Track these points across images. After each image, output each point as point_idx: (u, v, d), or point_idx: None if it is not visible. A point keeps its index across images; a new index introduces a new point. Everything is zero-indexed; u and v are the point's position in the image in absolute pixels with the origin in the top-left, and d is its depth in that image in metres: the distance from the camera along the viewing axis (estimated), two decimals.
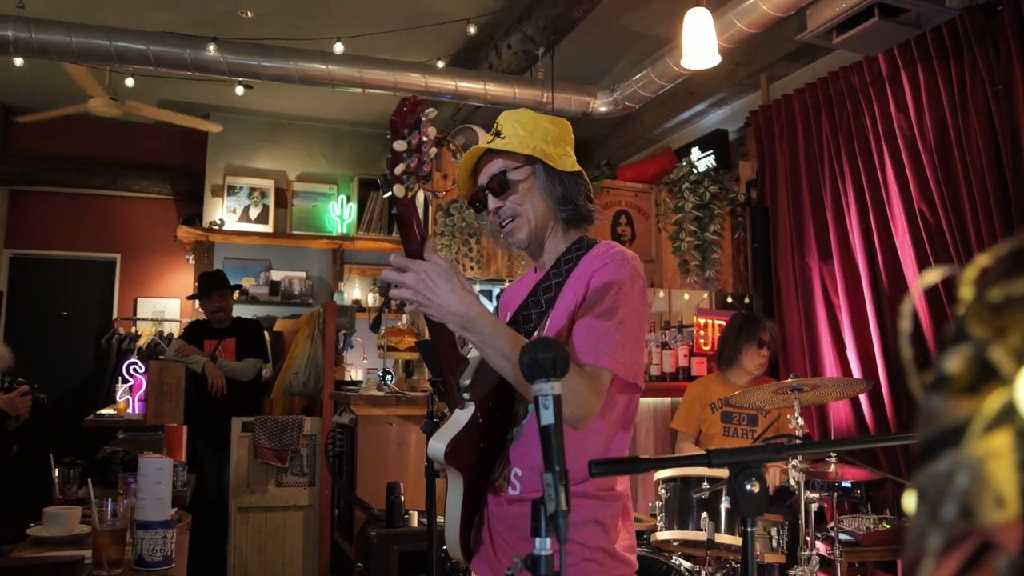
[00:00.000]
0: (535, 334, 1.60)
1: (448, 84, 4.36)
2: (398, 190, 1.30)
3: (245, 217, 6.56)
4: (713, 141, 5.55)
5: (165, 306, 6.75)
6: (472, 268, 4.03)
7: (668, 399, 4.53)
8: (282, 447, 4.73)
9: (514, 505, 1.55)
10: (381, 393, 3.78)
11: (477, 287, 4.27)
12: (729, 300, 4.77)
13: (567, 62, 4.63)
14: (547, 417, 1.05)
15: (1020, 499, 0.32)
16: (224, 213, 6.46)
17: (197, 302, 5.31)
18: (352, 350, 5.41)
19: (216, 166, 6.59)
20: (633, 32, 4.90)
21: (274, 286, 6.59)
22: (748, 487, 1.14)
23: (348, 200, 6.85)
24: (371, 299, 6.79)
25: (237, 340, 5.07)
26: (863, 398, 4.06)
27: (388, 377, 4.00)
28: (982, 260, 0.38)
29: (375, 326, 4.32)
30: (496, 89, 4.43)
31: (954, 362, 0.35)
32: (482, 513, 1.64)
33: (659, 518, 2.91)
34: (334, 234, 6.70)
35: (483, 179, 1.61)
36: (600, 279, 1.52)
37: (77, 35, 3.59)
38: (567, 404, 1.38)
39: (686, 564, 2.84)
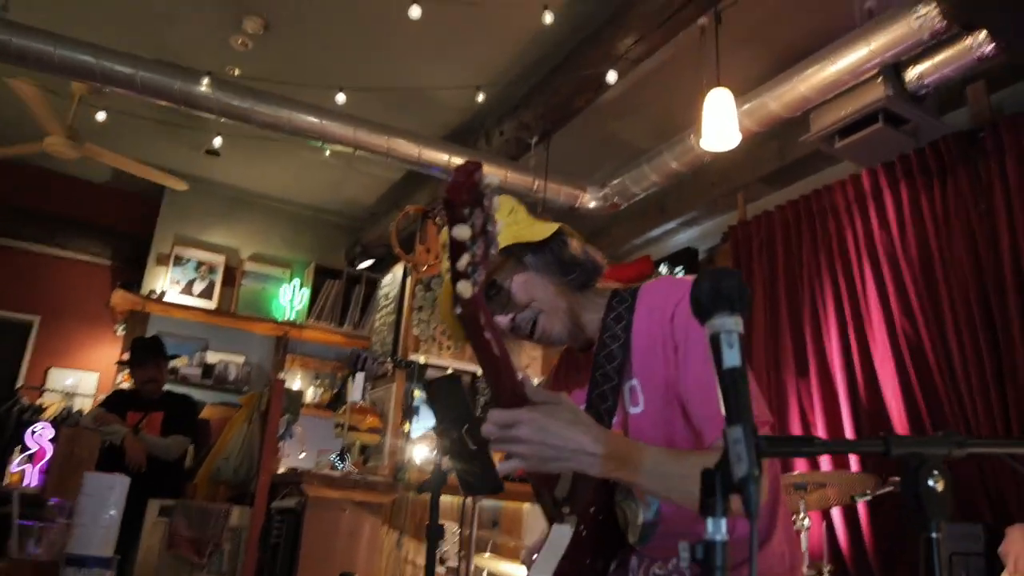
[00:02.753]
0: (617, 414, 1.36)
1: (441, 157, 4.26)
2: (463, 288, 1.03)
3: (188, 291, 6.18)
4: (682, 259, 5.56)
5: (80, 379, 6.18)
6: (448, 348, 3.79)
7: None
8: (203, 538, 4.19)
9: None
10: (338, 473, 3.40)
11: (451, 370, 4.00)
12: None
13: (556, 156, 4.61)
14: (732, 358, 0.83)
15: None
16: (167, 284, 6.08)
17: (127, 369, 4.85)
18: (291, 440, 4.98)
19: (165, 234, 6.26)
20: (620, 139, 4.95)
21: (208, 369, 6.14)
22: (931, 483, 0.92)
23: (301, 286, 6.55)
24: (311, 393, 6.38)
25: (165, 415, 4.60)
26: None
27: (344, 459, 3.63)
28: None
29: (334, 402, 4.02)
30: (488, 170, 4.29)
31: None
32: None
33: None
34: (281, 319, 6.35)
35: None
36: (685, 324, 1.30)
37: (63, 47, 3.37)
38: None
39: None
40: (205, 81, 3.65)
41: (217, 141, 4.67)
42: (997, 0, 2.58)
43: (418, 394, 3.83)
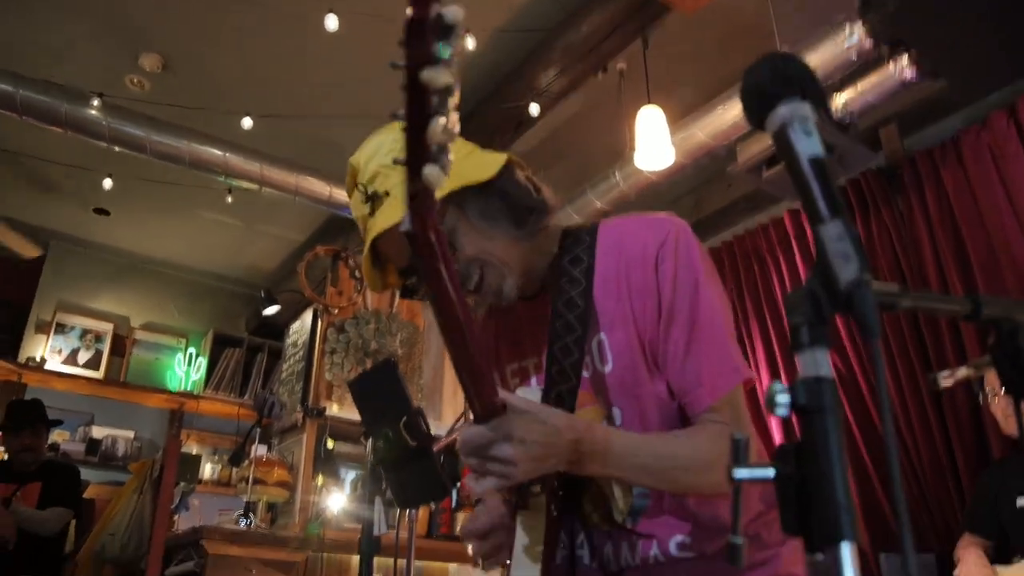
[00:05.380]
0: (586, 369, 1.16)
1: None
2: (432, 175, 0.64)
3: (72, 361, 5.61)
4: None
5: None
6: None
7: None
8: None
9: (695, 567, 1.11)
10: (242, 527, 2.99)
11: None
12: None
13: None
14: (813, 146, 0.64)
15: None
16: (47, 353, 5.50)
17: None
18: (186, 514, 4.46)
19: (47, 300, 5.71)
20: None
21: (93, 444, 5.53)
22: None
23: (197, 356, 6.07)
24: (209, 470, 5.83)
25: (44, 486, 4.04)
26: None
27: (248, 519, 3.21)
28: None
29: (237, 457, 3.60)
30: None
31: None
32: None
33: None
34: (176, 390, 5.83)
35: (404, 261, 1.16)
36: (671, 272, 1.12)
37: None
38: (722, 486, 1.03)
39: None
40: (96, 103, 3.33)
41: (107, 183, 4.28)
42: (921, 16, 2.62)
43: (332, 444, 3.48)
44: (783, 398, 0.58)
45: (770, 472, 0.59)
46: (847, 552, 0.53)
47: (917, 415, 3.42)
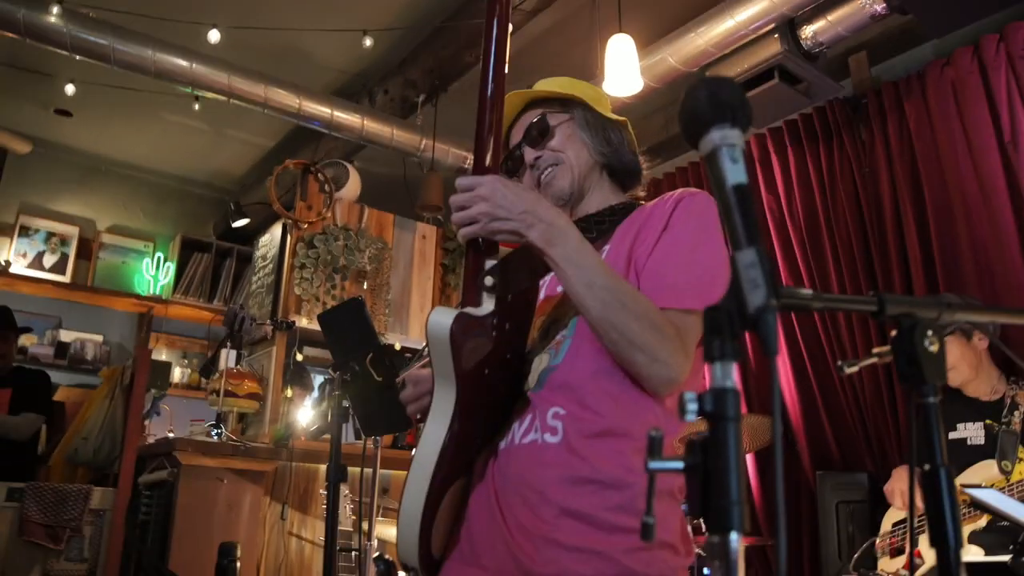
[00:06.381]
0: None
1: (323, 111, 3.98)
2: None
3: (38, 264, 5.59)
4: None
5: None
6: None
7: None
8: (59, 523, 3.78)
9: (551, 452, 1.18)
10: (214, 439, 3.11)
11: None
12: None
13: (446, 116, 4.43)
14: (737, 174, 0.70)
15: None
16: (11, 256, 5.48)
17: None
18: (158, 419, 4.58)
19: (9, 202, 5.63)
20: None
21: (61, 348, 5.58)
22: (927, 344, 0.84)
23: (166, 260, 6.07)
24: (179, 373, 5.93)
25: (14, 392, 4.12)
26: None
27: (220, 429, 3.32)
28: None
29: (207, 370, 3.69)
30: (373, 125, 4.11)
31: None
32: (466, 485, 1.25)
33: None
34: (144, 295, 5.86)
35: (517, 134, 1.46)
36: (683, 212, 1.27)
37: None
38: (654, 360, 1.12)
39: None
40: (55, 10, 3.22)
41: (69, 89, 4.18)
42: None
43: (300, 356, 3.58)
44: (693, 405, 0.67)
45: (680, 464, 0.69)
46: (735, 539, 0.63)
47: (864, 352, 3.57)
